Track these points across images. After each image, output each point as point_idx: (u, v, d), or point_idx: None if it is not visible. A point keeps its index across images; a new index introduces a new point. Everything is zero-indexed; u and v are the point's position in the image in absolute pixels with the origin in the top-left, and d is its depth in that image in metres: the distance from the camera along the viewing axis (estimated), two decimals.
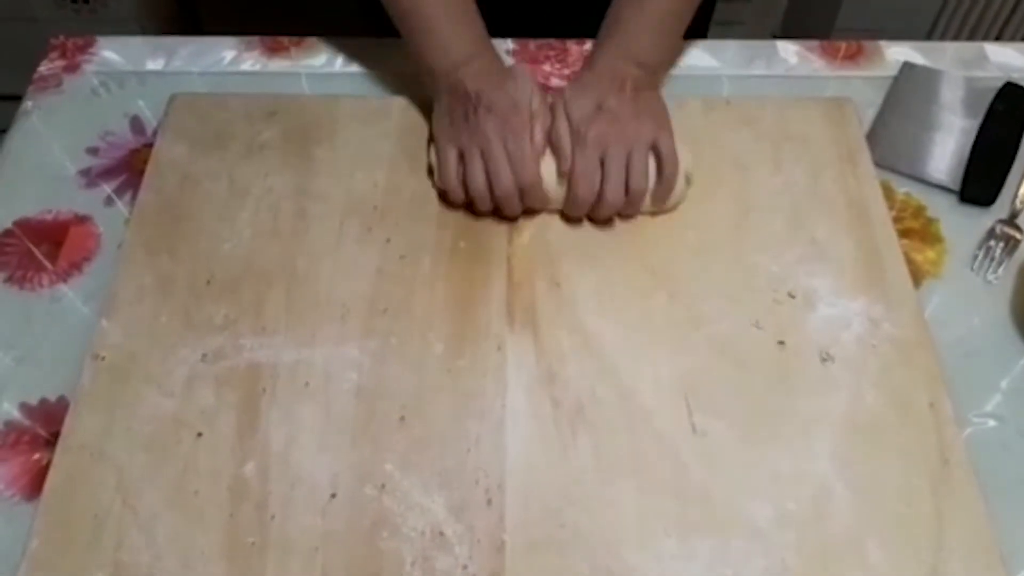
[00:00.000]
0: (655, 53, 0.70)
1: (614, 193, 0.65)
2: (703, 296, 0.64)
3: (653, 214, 0.68)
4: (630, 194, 0.65)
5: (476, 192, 0.65)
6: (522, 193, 0.65)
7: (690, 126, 0.70)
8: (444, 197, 0.68)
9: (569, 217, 0.67)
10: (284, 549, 0.53)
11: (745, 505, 0.55)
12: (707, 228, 0.67)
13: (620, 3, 0.71)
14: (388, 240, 0.66)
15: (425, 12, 0.69)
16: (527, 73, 0.67)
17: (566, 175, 0.65)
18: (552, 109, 0.67)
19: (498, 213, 0.67)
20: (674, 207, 0.68)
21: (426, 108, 0.72)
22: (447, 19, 0.69)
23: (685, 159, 0.67)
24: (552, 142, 0.66)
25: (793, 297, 0.64)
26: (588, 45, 0.80)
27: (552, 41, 0.81)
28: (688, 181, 0.67)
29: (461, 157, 0.66)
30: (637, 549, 0.53)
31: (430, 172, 0.69)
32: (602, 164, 0.65)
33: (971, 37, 1.48)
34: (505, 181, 0.64)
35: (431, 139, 0.70)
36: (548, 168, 0.66)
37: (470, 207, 0.68)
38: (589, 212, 0.66)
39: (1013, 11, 1.45)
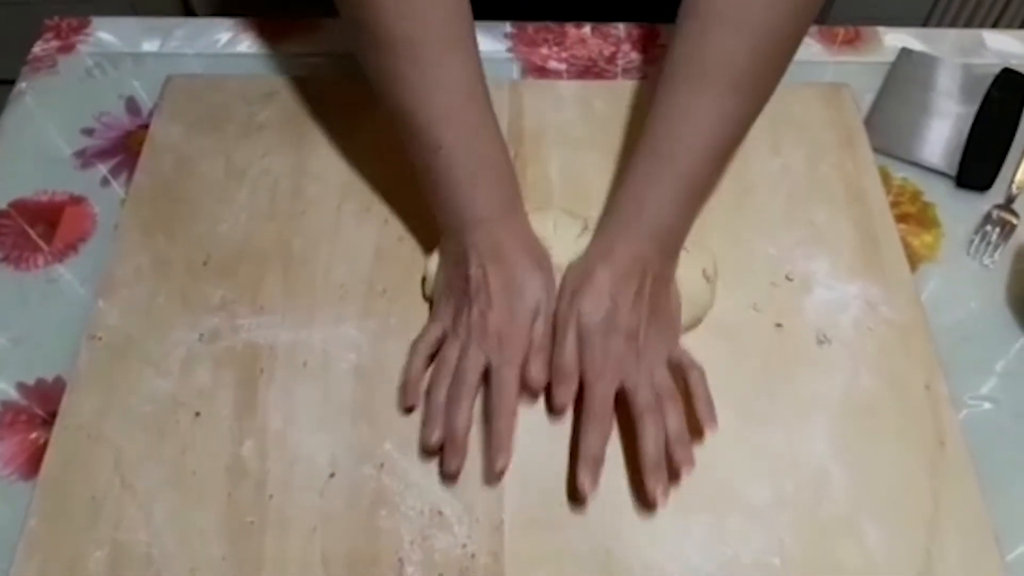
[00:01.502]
0: (679, 230, 0.60)
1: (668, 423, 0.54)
2: None
3: None
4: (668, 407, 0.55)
5: (432, 398, 0.56)
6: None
7: None
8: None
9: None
10: (283, 528, 0.53)
11: (742, 485, 0.55)
12: (706, 211, 0.66)
13: (639, 168, 0.60)
14: (386, 221, 0.66)
15: (446, 170, 0.59)
16: (545, 269, 0.58)
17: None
18: (556, 317, 0.57)
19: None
20: (703, 314, 0.62)
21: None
22: (468, 174, 0.59)
23: (707, 258, 0.62)
24: (555, 366, 0.56)
25: (791, 280, 0.64)
26: (587, 28, 0.80)
27: (550, 24, 0.80)
28: (709, 280, 0.62)
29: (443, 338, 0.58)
30: (635, 528, 0.54)
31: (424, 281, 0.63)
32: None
33: (968, 25, 1.48)
34: (463, 418, 0.54)
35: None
36: None
37: None
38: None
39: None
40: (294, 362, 0.59)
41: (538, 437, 0.57)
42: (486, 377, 0.56)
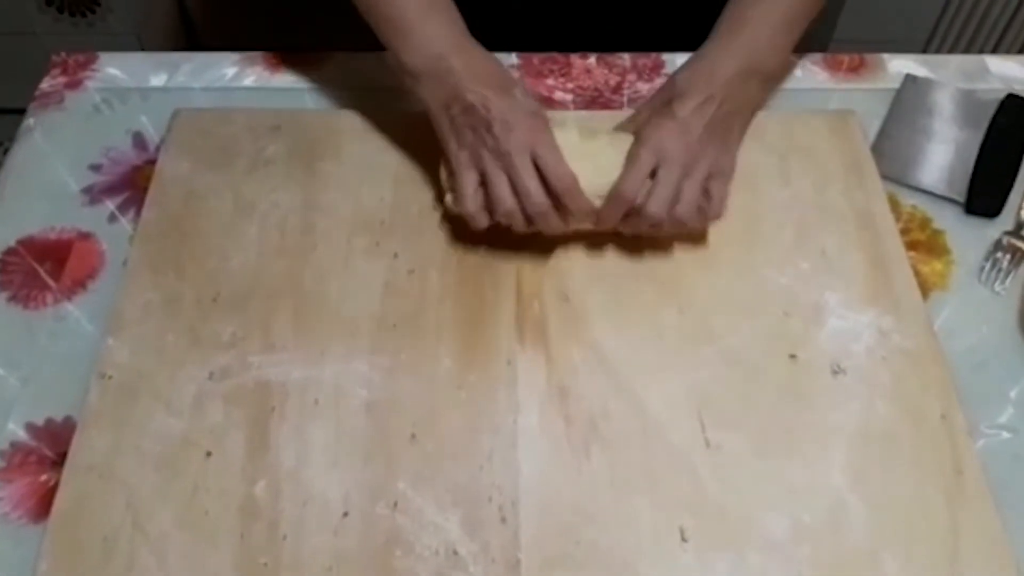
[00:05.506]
0: (772, 57, 0.68)
1: (657, 207, 0.61)
2: (713, 310, 0.63)
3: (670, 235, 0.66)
4: (671, 218, 0.62)
5: (506, 213, 0.61)
6: (559, 202, 0.61)
7: None
8: (461, 220, 0.64)
9: (593, 231, 0.64)
10: (297, 569, 0.53)
11: (760, 519, 0.55)
12: (716, 241, 0.67)
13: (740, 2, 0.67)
14: (396, 255, 0.66)
15: (401, 10, 0.64)
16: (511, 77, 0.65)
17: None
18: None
19: (535, 234, 0.63)
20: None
21: (430, 120, 0.72)
22: (419, 12, 0.64)
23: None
24: (619, 191, 0.61)
25: (803, 310, 0.64)
26: (592, 59, 0.80)
27: (556, 55, 0.81)
28: None
29: (482, 180, 0.62)
30: (653, 565, 0.53)
31: (440, 197, 0.67)
32: (653, 175, 0.61)
33: (969, 46, 1.49)
34: (537, 195, 0.60)
35: (443, 157, 0.66)
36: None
37: (497, 229, 0.64)
38: (621, 222, 0.63)
39: (1011, 19, 1.45)
40: (305, 399, 0.59)
41: (554, 473, 0.56)
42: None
